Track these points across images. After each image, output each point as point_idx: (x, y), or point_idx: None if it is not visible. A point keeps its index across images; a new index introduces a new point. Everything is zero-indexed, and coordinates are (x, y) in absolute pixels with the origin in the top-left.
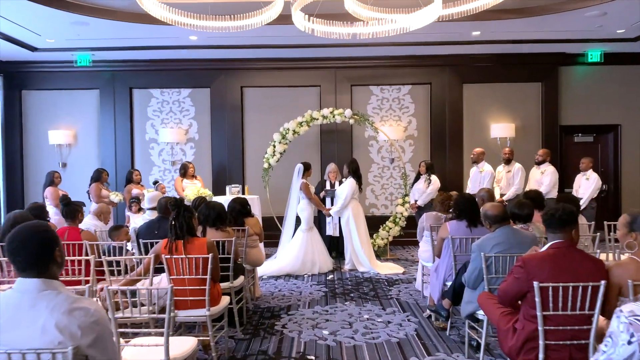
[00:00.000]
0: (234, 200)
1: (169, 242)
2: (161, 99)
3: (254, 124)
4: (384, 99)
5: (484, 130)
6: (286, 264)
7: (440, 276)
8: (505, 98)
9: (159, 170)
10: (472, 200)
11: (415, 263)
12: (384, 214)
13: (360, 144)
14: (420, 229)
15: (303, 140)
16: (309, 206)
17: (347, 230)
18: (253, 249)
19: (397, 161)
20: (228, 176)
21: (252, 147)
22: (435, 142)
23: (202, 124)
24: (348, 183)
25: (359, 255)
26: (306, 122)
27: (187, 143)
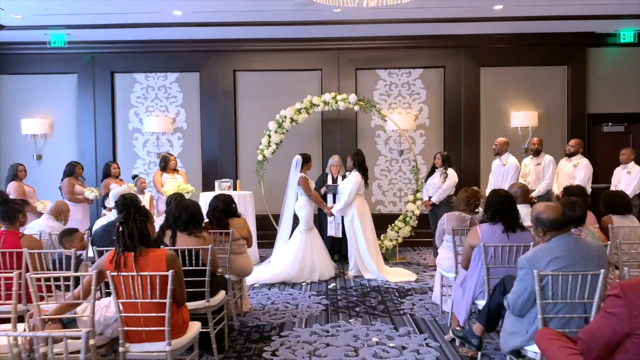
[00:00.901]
0: (216, 198)
1: (116, 255)
2: (146, 85)
3: (248, 112)
4: (392, 84)
5: (504, 119)
6: (281, 270)
7: (468, 293)
8: (527, 83)
9: (144, 163)
10: (509, 198)
11: (428, 268)
12: (392, 211)
13: (365, 134)
14: (440, 232)
15: (302, 130)
16: (308, 204)
17: (351, 232)
18: (239, 255)
19: (407, 153)
20: (219, 170)
21: (246, 137)
22: (449, 132)
23: (191, 112)
24: (352, 177)
25: (365, 260)
26: (305, 108)
27: (174, 133)
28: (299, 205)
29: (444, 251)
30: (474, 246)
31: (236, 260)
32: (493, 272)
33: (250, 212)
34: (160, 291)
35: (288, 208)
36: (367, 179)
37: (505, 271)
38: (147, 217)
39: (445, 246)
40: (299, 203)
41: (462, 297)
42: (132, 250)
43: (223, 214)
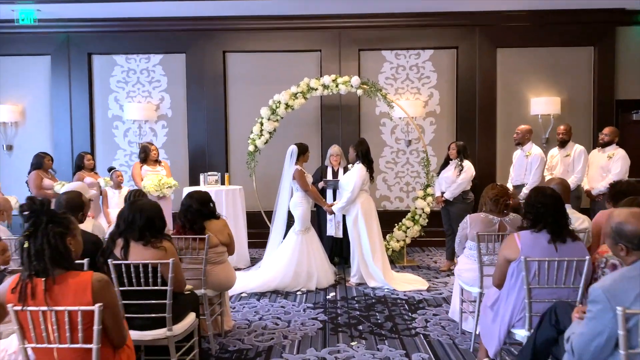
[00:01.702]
0: (189, 196)
1: (20, 282)
2: (126, 68)
3: (240, 98)
4: (399, 66)
5: (523, 105)
6: (273, 277)
7: (503, 318)
8: (549, 66)
9: (125, 154)
10: (557, 199)
11: (440, 274)
12: (398, 208)
13: (369, 123)
14: (462, 237)
15: (299, 118)
16: (304, 200)
17: (354, 233)
18: (218, 266)
19: (416, 143)
20: (208, 162)
21: (237, 126)
22: (462, 120)
23: (177, 98)
24: (356, 170)
25: (369, 266)
26: (302, 93)
27: (158, 121)
28: (294, 202)
29: (466, 260)
30: (510, 260)
31: (214, 272)
32: (537, 294)
33: (239, 209)
34: (84, 332)
35: (282, 205)
36: (372, 172)
37: (552, 293)
38: (66, 228)
39: (467, 254)
40: (294, 200)
41: (492, 322)
42: (43, 276)
43: (198, 215)
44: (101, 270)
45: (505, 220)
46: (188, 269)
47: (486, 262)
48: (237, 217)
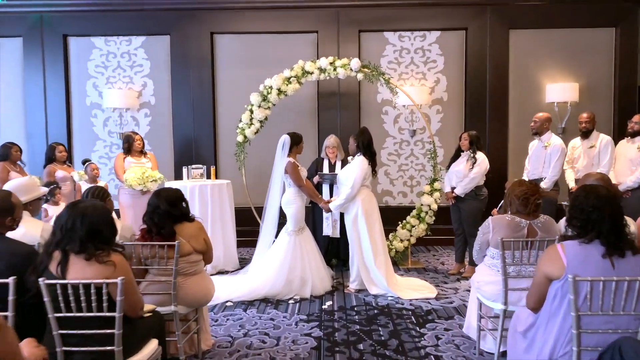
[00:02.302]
0: (157, 195)
1: None
2: (106, 51)
3: (230, 83)
4: (403, 49)
5: (537, 92)
6: (263, 284)
7: (541, 351)
8: (566, 49)
9: (105, 145)
10: (613, 200)
11: (450, 277)
12: (401, 204)
13: (370, 111)
14: (483, 243)
15: (294, 106)
16: (297, 197)
17: (354, 234)
18: (191, 278)
19: (421, 133)
20: (195, 153)
21: (227, 114)
22: (472, 108)
23: (160, 84)
24: (357, 163)
25: (370, 271)
26: (296, 77)
27: (140, 109)
28: (286, 198)
29: (487, 271)
30: (553, 278)
31: (187, 285)
32: (588, 323)
33: (227, 205)
34: None
35: (272, 202)
36: (375, 166)
37: (607, 322)
38: None
39: (488, 264)
40: (287, 196)
41: (525, 352)
42: None
43: (166, 217)
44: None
45: (535, 223)
46: (155, 282)
47: (512, 274)
48: (225, 214)
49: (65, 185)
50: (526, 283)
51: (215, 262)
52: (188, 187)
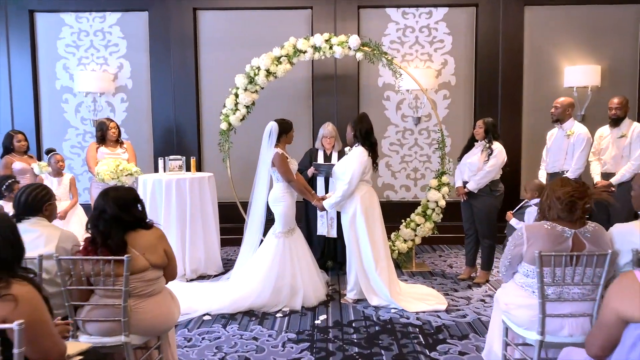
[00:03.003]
0: (104, 195)
1: None
2: (77, 28)
3: (215, 65)
4: (407, 28)
5: (555, 75)
6: (247, 294)
7: None
8: (587, 28)
9: (77, 134)
10: None
11: (460, 283)
12: (404, 199)
13: (371, 96)
14: (514, 256)
15: (285, 90)
16: (287, 193)
17: (351, 236)
18: (147, 300)
19: (426, 121)
20: (176, 143)
21: (212, 99)
22: (482, 93)
23: (138, 66)
24: (355, 155)
25: (371, 279)
26: (287, 56)
27: (116, 94)
28: (274, 195)
29: (518, 291)
30: (631, 320)
31: (142, 309)
32: None
33: (209, 201)
34: None
35: (258, 199)
36: (376, 157)
37: None
38: None
39: (521, 283)
40: (275, 193)
41: None
42: None
43: (115, 224)
44: None
45: (582, 233)
46: (99, 307)
47: (551, 297)
48: (206, 211)
49: (25, 178)
50: (570, 308)
51: (196, 265)
52: (164, 181)
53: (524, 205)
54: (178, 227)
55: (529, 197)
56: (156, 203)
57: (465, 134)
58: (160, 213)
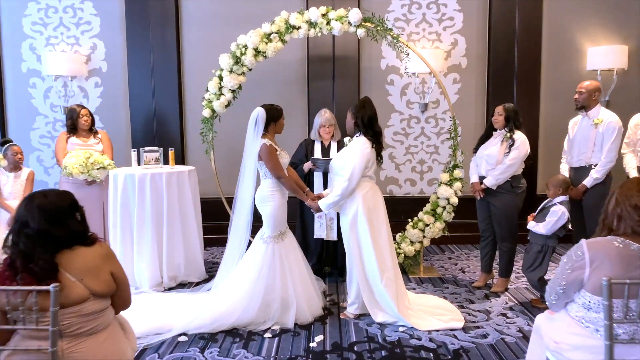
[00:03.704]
0: (28, 201)
1: None
2: (44, 4)
3: (199, 45)
4: (413, 3)
5: (576, 57)
6: (231, 308)
7: None
8: (613, 4)
9: (47, 122)
10: None
11: (475, 292)
12: (408, 194)
13: (372, 80)
14: (571, 282)
15: (277, 73)
16: (276, 192)
17: (352, 241)
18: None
19: (434, 108)
20: (157, 132)
21: (196, 83)
22: (496, 77)
23: (113, 46)
24: (356, 147)
25: (375, 292)
26: (279, 33)
27: (89, 77)
28: (261, 194)
29: (574, 328)
30: None
31: (80, 353)
32: None
33: (189, 198)
34: None
35: (243, 198)
36: (380, 149)
37: None
38: None
39: (579, 317)
40: (262, 191)
41: None
42: None
43: (41, 241)
44: None
45: None
46: (19, 352)
47: (622, 337)
48: (186, 210)
49: None
50: None
51: (175, 271)
52: (137, 176)
53: (547, 205)
54: (153, 229)
55: (551, 195)
56: (128, 201)
57: (477, 122)
58: (134, 213)
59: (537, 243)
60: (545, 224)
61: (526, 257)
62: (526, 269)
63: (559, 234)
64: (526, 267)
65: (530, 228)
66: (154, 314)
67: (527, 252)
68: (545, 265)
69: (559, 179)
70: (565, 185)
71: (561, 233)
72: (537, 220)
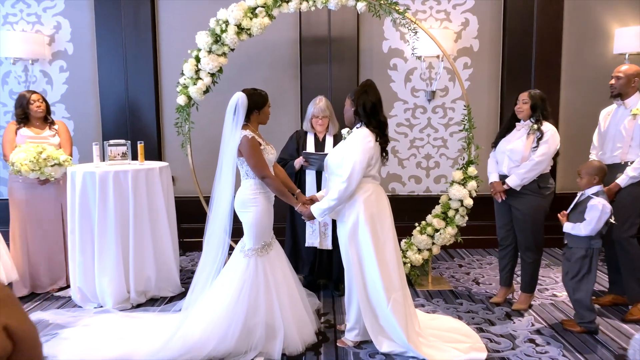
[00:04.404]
0: None
1: None
2: None
3: (177, 23)
4: None
5: (602, 39)
6: (205, 337)
7: None
8: None
9: (5, 112)
10: None
11: (494, 311)
12: (413, 192)
13: (373, 65)
14: None
15: (265, 55)
16: (260, 194)
17: (352, 255)
18: None
19: (442, 96)
20: (130, 123)
21: (174, 67)
22: (512, 61)
23: (80, 25)
24: (356, 140)
25: (380, 316)
26: (265, 7)
27: (53, 61)
28: (242, 197)
29: None
30: None
31: None
32: None
33: (160, 199)
34: None
35: (220, 201)
36: (386, 143)
37: None
38: None
39: None
40: (243, 193)
41: None
42: None
43: None
44: None
45: None
46: None
47: None
48: (157, 213)
49: None
50: None
51: (144, 285)
52: (97, 175)
53: (581, 200)
54: (118, 236)
55: (584, 184)
56: (88, 204)
57: (490, 112)
58: (94, 217)
59: (579, 247)
60: (586, 223)
61: (568, 265)
62: (570, 279)
63: (603, 231)
64: (571, 276)
65: (568, 231)
66: (115, 341)
67: (569, 260)
68: (593, 273)
69: (594, 165)
70: (602, 173)
71: (604, 230)
72: (573, 220)
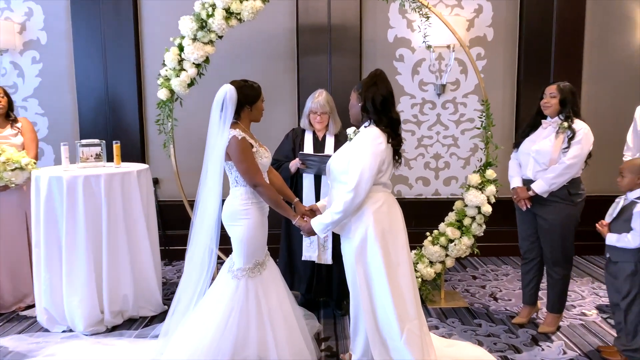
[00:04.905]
0: None
1: None
2: None
3: (163, 9)
4: None
5: (628, 28)
6: None
7: None
8: None
9: None
10: None
11: (518, 334)
12: (420, 196)
13: (377, 56)
14: None
15: (258, 45)
16: (251, 205)
17: (359, 277)
18: None
19: (452, 90)
20: (112, 121)
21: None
22: (530, 52)
23: (54, 12)
24: (365, 141)
25: (392, 349)
26: None
27: (24, 51)
28: (231, 208)
29: None
30: None
31: None
32: None
33: (137, 206)
34: None
35: (206, 211)
36: (399, 145)
37: None
38: None
39: None
40: (232, 204)
41: None
42: None
43: None
44: None
45: None
46: None
47: None
48: (135, 223)
49: None
50: None
51: (120, 305)
52: (65, 179)
53: (625, 206)
54: (89, 248)
55: (626, 185)
56: (55, 213)
57: (506, 107)
58: (62, 228)
59: (627, 262)
60: (635, 233)
61: (615, 283)
62: (621, 300)
63: None
64: (621, 297)
65: (613, 243)
66: None
67: (614, 277)
68: None
69: (639, 163)
70: None
71: None
72: (617, 230)
